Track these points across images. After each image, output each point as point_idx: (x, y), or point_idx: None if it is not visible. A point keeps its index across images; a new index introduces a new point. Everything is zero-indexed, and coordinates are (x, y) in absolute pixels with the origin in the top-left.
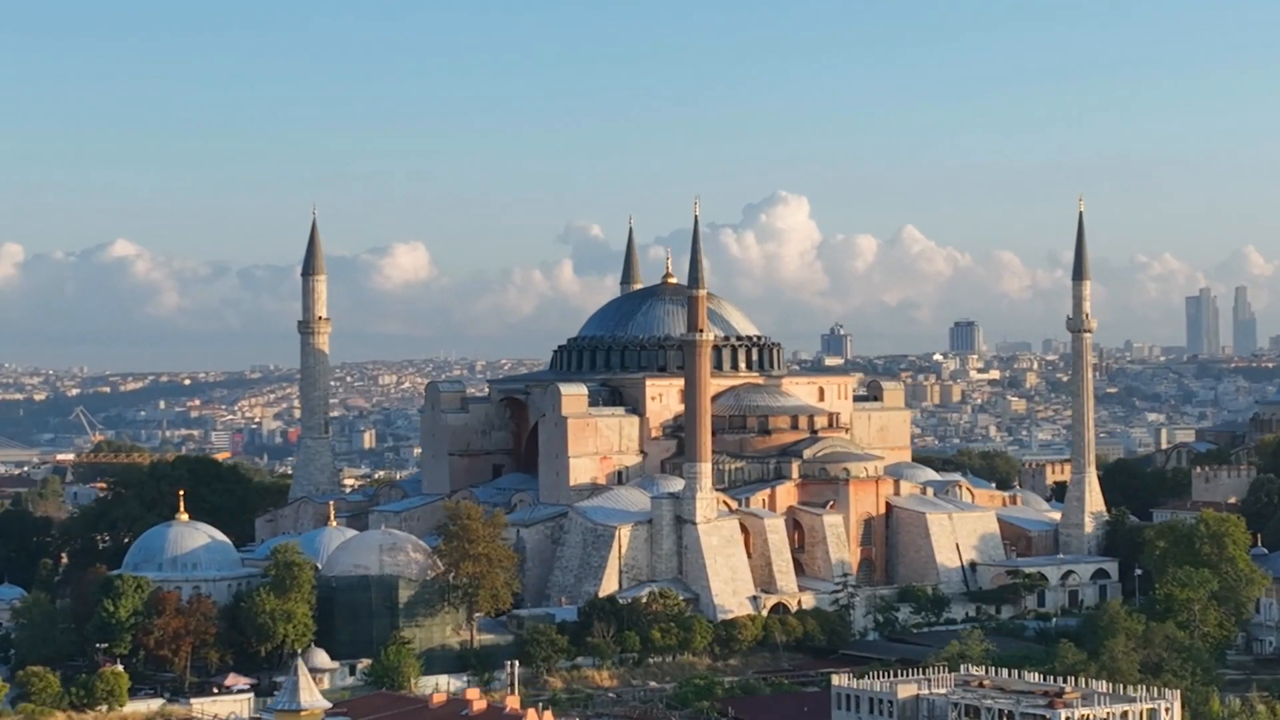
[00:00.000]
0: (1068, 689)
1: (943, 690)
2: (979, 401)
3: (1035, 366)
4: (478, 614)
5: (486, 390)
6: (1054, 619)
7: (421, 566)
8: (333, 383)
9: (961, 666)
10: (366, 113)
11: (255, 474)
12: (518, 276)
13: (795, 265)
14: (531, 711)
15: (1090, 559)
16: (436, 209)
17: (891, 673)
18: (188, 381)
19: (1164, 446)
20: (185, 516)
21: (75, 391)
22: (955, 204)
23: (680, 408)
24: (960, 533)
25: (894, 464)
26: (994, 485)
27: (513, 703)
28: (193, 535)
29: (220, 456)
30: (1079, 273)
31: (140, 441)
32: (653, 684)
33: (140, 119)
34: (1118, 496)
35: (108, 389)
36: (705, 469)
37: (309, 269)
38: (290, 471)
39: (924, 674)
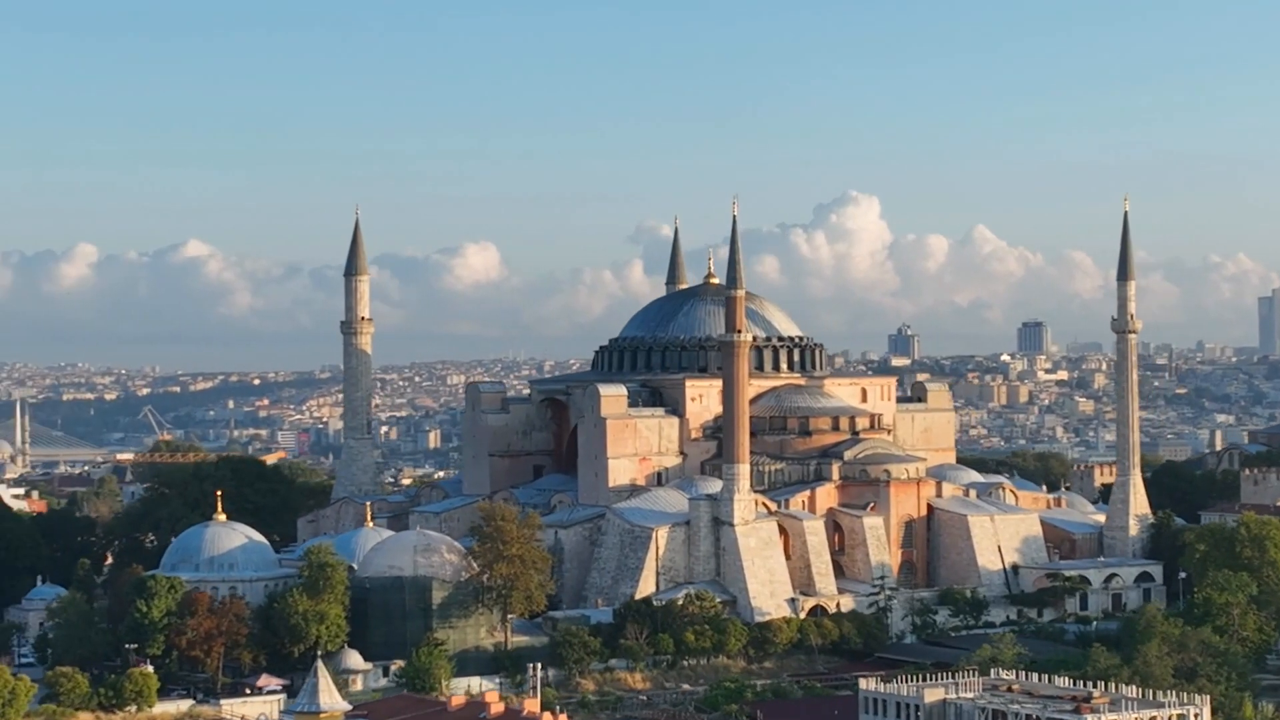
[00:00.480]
0: (1096, 694)
1: (970, 695)
2: (1046, 402)
3: (1104, 367)
4: (511, 616)
5: (528, 391)
6: (1094, 623)
7: (456, 568)
8: (401, 382)
9: (992, 670)
10: (439, 113)
11: (314, 474)
12: (588, 276)
13: (866, 265)
14: (547, 715)
15: (1134, 562)
16: (508, 209)
17: (920, 677)
18: (257, 381)
19: (1219, 448)
20: (223, 517)
21: (146, 391)
22: (1027, 203)
23: (720, 409)
24: (1002, 535)
25: (937, 466)
26: (1043, 487)
27: (531, 705)
28: (230, 536)
29: (275, 456)
30: (1124, 273)
31: (207, 441)
32: (685, 686)
33: (213, 119)
34: (1165, 499)
35: (177, 389)
36: (743, 470)
37: (351, 269)
38: None
39: (952, 678)
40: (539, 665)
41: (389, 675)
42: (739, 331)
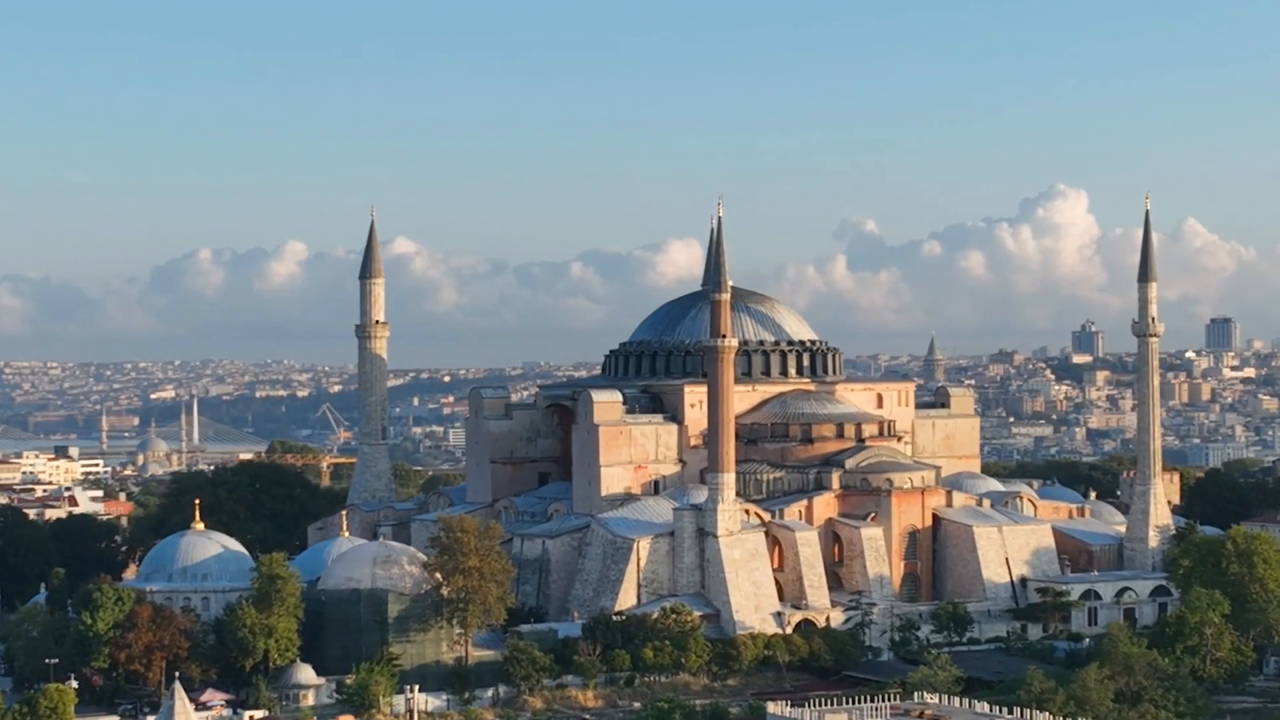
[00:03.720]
0: None
1: None
2: (1229, 401)
3: None
4: (473, 630)
5: (534, 396)
6: (1086, 640)
7: (417, 580)
8: None
9: (917, 694)
10: (645, 112)
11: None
12: (791, 273)
13: (1073, 260)
14: None
15: (1150, 575)
16: (709, 206)
17: (852, 699)
18: (447, 378)
19: None
20: (201, 526)
21: (337, 388)
22: (1239, 197)
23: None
24: (1011, 547)
25: (955, 474)
26: (1093, 495)
27: None
28: (205, 545)
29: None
30: (1145, 274)
31: (388, 439)
32: (636, 705)
33: (422, 119)
34: (1206, 508)
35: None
36: (728, 479)
37: (366, 272)
38: None
39: (869, 702)
40: (499, 685)
41: (339, 691)
42: (724, 336)
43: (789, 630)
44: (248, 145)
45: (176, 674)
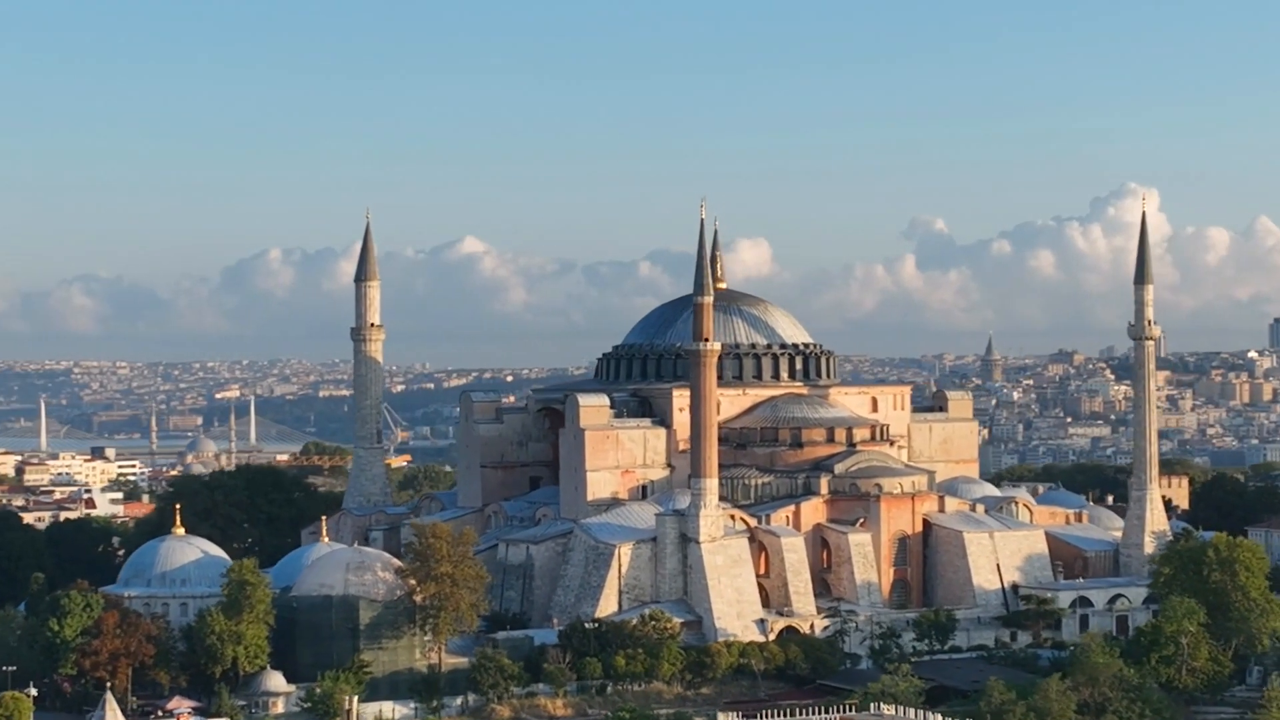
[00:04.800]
0: None
1: None
2: None
3: None
4: (444, 637)
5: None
6: (1071, 648)
7: (390, 586)
8: None
9: (873, 705)
10: (708, 111)
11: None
12: (859, 271)
13: None
14: None
15: (1143, 582)
16: (779, 204)
17: (777, 712)
18: (510, 378)
19: None
20: (181, 531)
21: (400, 388)
22: None
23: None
24: (1002, 553)
25: (951, 479)
26: (1110, 499)
27: None
28: (184, 551)
29: None
30: (1141, 276)
31: (444, 439)
32: (607, 714)
33: (489, 119)
34: (1212, 513)
35: (431, 385)
36: (710, 485)
37: (361, 274)
38: None
39: (812, 714)
40: (466, 695)
41: (305, 700)
42: (706, 340)
43: (772, 638)
44: (318, 145)
45: (109, 685)
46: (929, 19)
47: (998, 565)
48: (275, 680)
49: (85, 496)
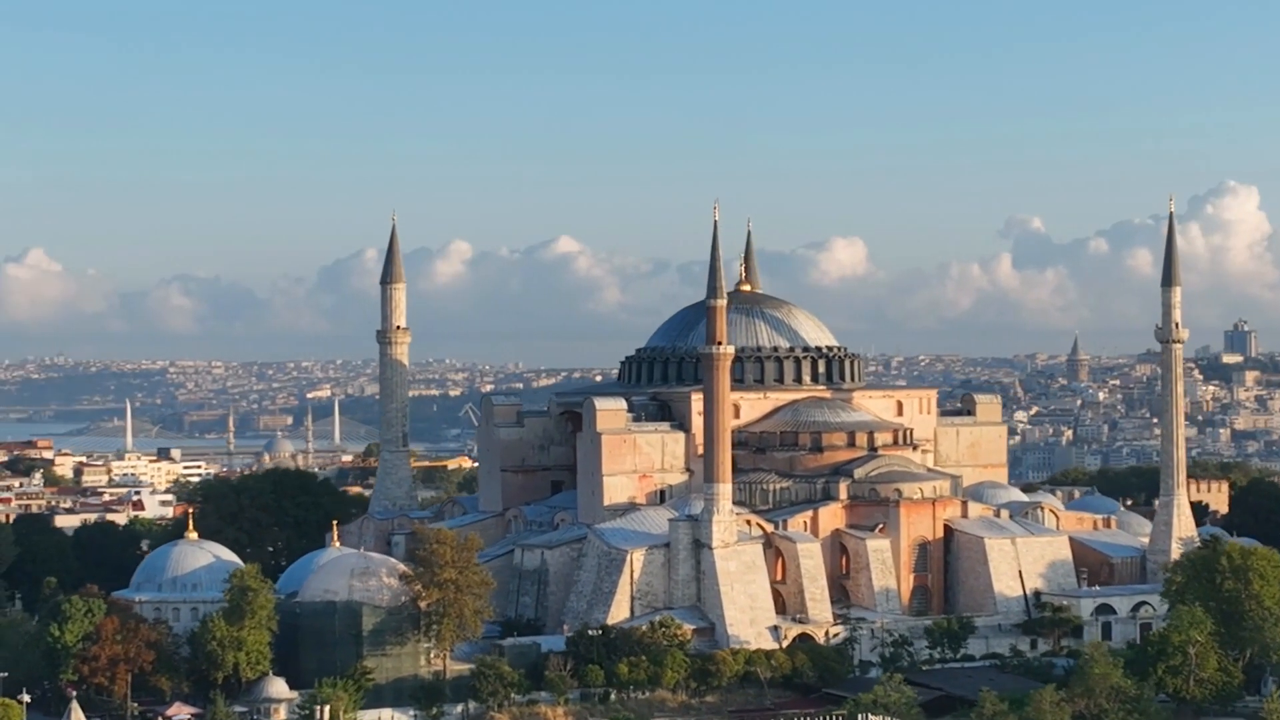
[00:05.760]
0: None
1: None
2: None
3: None
4: (448, 643)
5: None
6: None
7: (395, 592)
8: None
9: (862, 715)
10: (800, 109)
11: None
12: (955, 271)
13: (1243, 258)
14: None
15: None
16: (874, 203)
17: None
18: (599, 377)
19: None
20: (194, 535)
21: (489, 387)
22: None
23: (731, 423)
24: (1025, 559)
25: (977, 484)
26: (1145, 503)
27: None
28: (196, 555)
29: None
30: (1168, 278)
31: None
32: None
33: (585, 118)
34: (1248, 519)
35: (520, 385)
36: (724, 490)
37: (387, 277)
38: None
39: None
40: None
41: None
42: (719, 343)
43: (785, 645)
44: (413, 145)
45: (74, 694)
46: (1027, 16)
47: (1019, 572)
48: (277, 686)
49: (135, 499)
